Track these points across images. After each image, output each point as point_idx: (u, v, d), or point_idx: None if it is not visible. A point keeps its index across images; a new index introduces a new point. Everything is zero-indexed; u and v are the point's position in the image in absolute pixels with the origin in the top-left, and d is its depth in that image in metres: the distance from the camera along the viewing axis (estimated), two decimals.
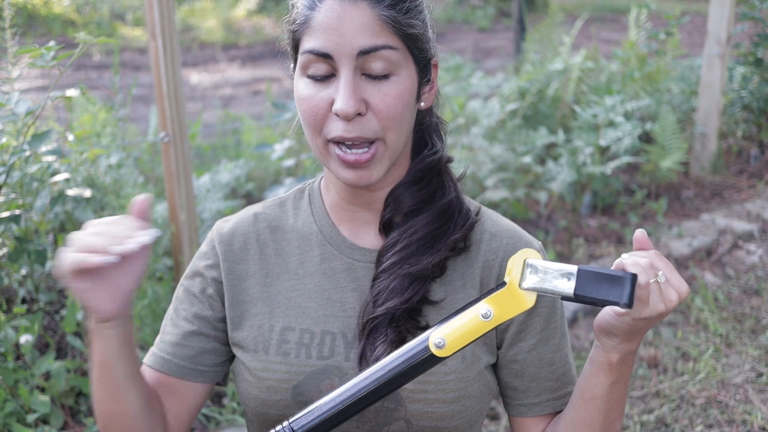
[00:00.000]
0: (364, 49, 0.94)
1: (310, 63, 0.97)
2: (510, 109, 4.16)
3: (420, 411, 1.01)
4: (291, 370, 1.03)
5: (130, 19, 10.61)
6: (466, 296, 1.05)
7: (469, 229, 1.07)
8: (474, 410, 1.04)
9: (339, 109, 0.94)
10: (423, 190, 1.07)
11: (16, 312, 2.28)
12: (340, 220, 1.11)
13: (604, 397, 0.98)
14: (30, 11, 10.16)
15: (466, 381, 1.02)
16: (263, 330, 1.07)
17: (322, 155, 1.01)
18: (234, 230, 1.13)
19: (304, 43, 0.98)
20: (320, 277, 1.08)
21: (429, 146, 1.10)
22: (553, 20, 5.18)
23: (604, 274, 0.81)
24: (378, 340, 1.00)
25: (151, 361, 1.12)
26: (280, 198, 1.18)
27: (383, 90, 0.96)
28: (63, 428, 2.20)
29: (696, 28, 9.35)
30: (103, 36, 2.26)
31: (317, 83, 0.97)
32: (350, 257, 1.08)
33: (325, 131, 0.98)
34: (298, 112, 1.02)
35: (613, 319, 0.91)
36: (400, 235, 1.05)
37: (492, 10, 13.49)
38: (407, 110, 0.99)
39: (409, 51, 0.99)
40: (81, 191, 2.53)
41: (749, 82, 4.71)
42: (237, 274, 1.11)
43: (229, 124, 4.82)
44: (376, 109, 0.96)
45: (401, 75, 0.98)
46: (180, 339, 1.11)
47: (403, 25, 0.97)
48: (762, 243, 3.62)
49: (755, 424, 2.28)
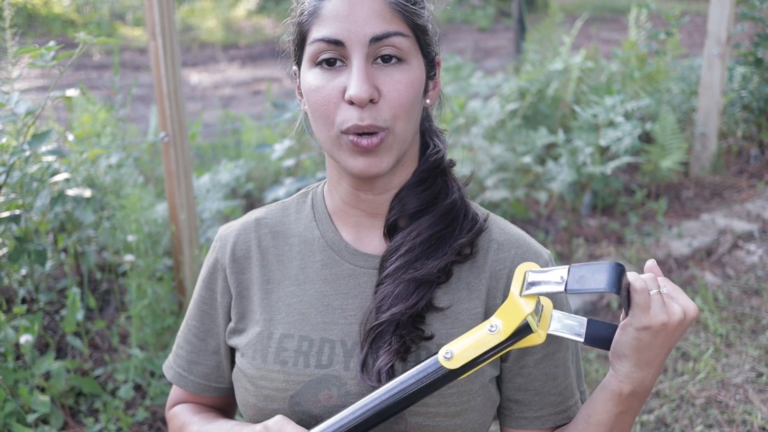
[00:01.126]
0: (377, 36, 0.94)
1: (320, 52, 0.96)
2: (510, 109, 4.15)
3: (421, 424, 0.99)
4: (289, 379, 1.02)
5: (130, 19, 10.61)
6: (471, 306, 1.04)
7: (476, 234, 1.05)
8: (476, 423, 1.02)
9: (353, 95, 0.92)
10: (427, 191, 1.06)
11: (16, 312, 2.28)
12: (343, 225, 1.10)
13: (609, 425, 0.97)
14: (30, 11, 10.16)
15: (468, 395, 1.01)
16: (262, 337, 1.06)
17: (334, 147, 0.98)
18: (236, 239, 1.13)
19: (313, 32, 0.97)
20: (321, 284, 1.07)
21: (431, 147, 1.10)
22: (553, 20, 5.18)
23: (592, 267, 0.84)
24: (381, 348, 0.98)
25: (170, 376, 1.18)
26: (283, 202, 1.17)
27: (395, 77, 0.95)
28: (63, 428, 2.20)
29: (696, 28, 9.36)
30: (103, 36, 2.26)
31: (327, 73, 0.96)
32: (352, 263, 1.07)
33: (339, 122, 0.96)
34: (308, 104, 1.00)
35: (620, 335, 0.91)
36: (403, 239, 1.03)
37: (492, 10, 13.49)
38: (417, 101, 0.99)
39: (418, 42, 0.99)
40: (81, 191, 2.53)
41: (749, 82, 4.71)
42: (244, 285, 1.11)
43: (229, 124, 4.81)
44: (387, 96, 0.95)
45: (412, 64, 0.97)
46: (195, 357, 1.15)
47: (413, 14, 0.97)
48: (762, 243, 3.62)
49: (755, 424, 2.28)
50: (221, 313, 1.12)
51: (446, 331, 1.02)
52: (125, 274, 2.85)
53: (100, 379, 2.43)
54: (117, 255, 2.85)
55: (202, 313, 1.14)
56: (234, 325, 1.10)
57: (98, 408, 2.29)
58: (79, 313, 2.33)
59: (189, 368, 1.15)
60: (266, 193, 3.17)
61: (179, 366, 1.17)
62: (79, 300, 2.36)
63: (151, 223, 2.70)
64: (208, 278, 1.14)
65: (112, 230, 2.74)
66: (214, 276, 1.13)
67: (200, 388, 1.15)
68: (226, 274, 1.11)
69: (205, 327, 1.14)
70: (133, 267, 2.49)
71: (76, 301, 2.31)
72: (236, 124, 4.76)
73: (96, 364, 2.50)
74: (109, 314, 2.75)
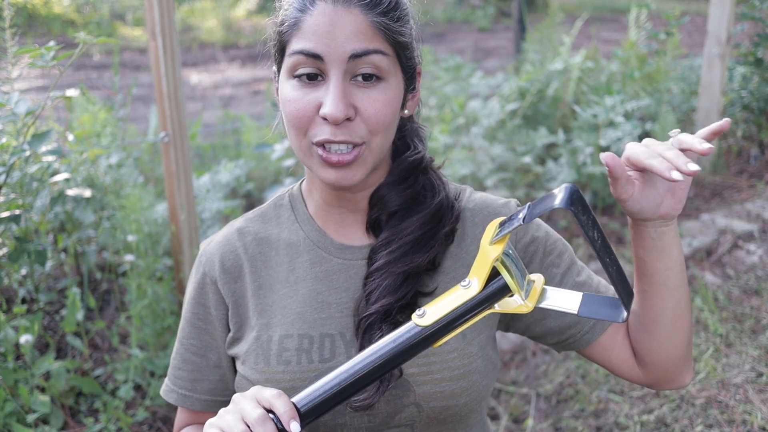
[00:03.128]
0: (356, 53, 0.94)
1: (299, 64, 0.96)
2: (510, 109, 4.15)
3: (429, 392, 1.01)
4: (294, 378, 1.02)
5: (130, 19, 10.61)
6: (459, 275, 1.07)
7: (457, 220, 1.09)
8: (480, 386, 1.05)
9: (328, 113, 0.93)
10: (409, 189, 1.08)
11: (16, 312, 2.28)
12: (325, 223, 1.11)
13: (677, 274, 0.99)
14: (30, 11, 10.16)
15: (469, 357, 1.03)
16: (261, 341, 1.06)
17: (305, 156, 1.00)
18: (222, 250, 1.12)
19: (293, 44, 0.97)
20: (312, 281, 1.08)
21: (411, 148, 1.11)
22: (553, 20, 5.18)
23: (547, 195, 0.83)
24: (375, 336, 1.00)
25: (173, 399, 1.15)
26: (260, 209, 1.18)
27: (372, 96, 0.96)
28: (63, 428, 2.20)
29: (696, 28, 9.36)
30: (103, 36, 2.26)
31: (305, 85, 0.97)
32: (341, 257, 1.08)
33: (311, 134, 0.97)
34: (283, 114, 1.01)
35: (633, 203, 0.93)
36: (394, 235, 1.05)
37: (492, 10, 13.49)
38: (394, 117, 1.00)
39: (398, 59, 0.99)
40: (81, 191, 2.54)
41: (749, 82, 4.70)
42: (238, 293, 1.10)
43: (229, 124, 4.82)
44: (365, 114, 0.96)
45: (390, 81, 0.98)
46: (197, 375, 1.13)
47: (394, 32, 0.97)
48: (762, 243, 3.62)
49: (755, 424, 2.28)
50: (218, 326, 1.11)
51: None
52: (125, 274, 2.85)
53: (100, 379, 2.43)
54: (117, 255, 2.85)
55: (198, 330, 1.13)
56: (233, 334, 1.10)
57: (98, 408, 2.29)
58: (79, 313, 2.33)
59: (193, 387, 1.14)
60: (266, 193, 3.17)
61: (182, 387, 1.15)
62: (79, 300, 2.36)
63: (151, 223, 2.70)
64: (197, 294, 1.13)
65: (112, 230, 2.74)
66: (203, 291, 1.12)
67: (207, 405, 1.14)
68: (217, 287, 1.11)
69: (203, 343, 1.13)
70: (133, 267, 2.49)
71: (76, 301, 2.31)
72: (236, 124, 4.76)
73: (96, 364, 2.50)
74: (109, 314, 2.75)
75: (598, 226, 0.82)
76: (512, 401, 2.54)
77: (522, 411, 2.50)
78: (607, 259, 0.82)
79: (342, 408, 1.01)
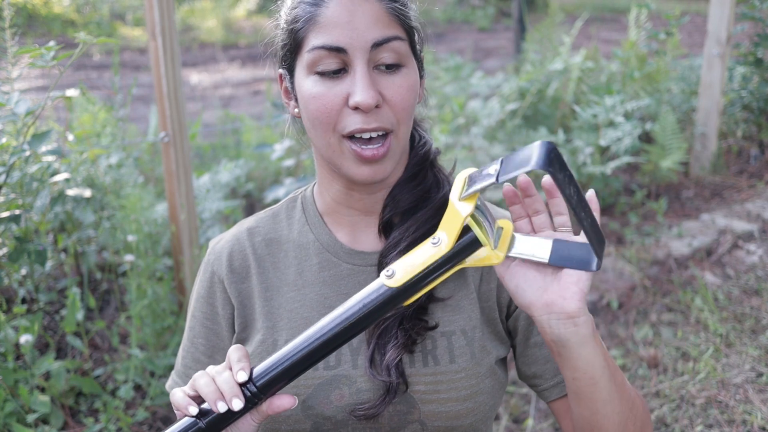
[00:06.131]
0: (378, 41, 0.94)
1: (320, 59, 0.95)
2: (510, 109, 4.15)
3: (434, 411, 1.00)
4: (299, 384, 1.01)
5: (130, 19, 10.61)
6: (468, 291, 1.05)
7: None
8: (487, 406, 1.03)
9: (360, 101, 0.92)
10: (420, 186, 1.07)
11: (16, 312, 2.28)
12: (336, 225, 1.10)
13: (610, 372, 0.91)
14: (30, 11, 10.16)
15: (477, 377, 1.02)
16: (266, 345, 1.05)
17: (335, 154, 0.98)
18: (231, 249, 1.11)
19: (310, 40, 0.96)
20: (320, 286, 1.07)
21: (418, 139, 1.10)
22: (553, 20, 5.18)
23: (522, 150, 0.79)
24: (389, 343, 0.99)
25: None
26: (272, 209, 1.17)
27: (396, 82, 0.96)
28: (63, 428, 2.20)
29: (696, 28, 9.36)
30: (103, 36, 2.26)
31: (327, 80, 0.95)
32: (350, 262, 1.07)
33: (341, 127, 0.96)
34: (305, 111, 0.99)
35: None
36: (402, 234, 1.04)
37: (492, 10, 13.49)
38: (416, 102, 1.01)
39: (411, 44, 1.00)
40: (81, 191, 2.54)
41: (749, 82, 4.70)
42: (245, 294, 1.09)
43: (229, 124, 4.82)
44: (391, 101, 0.96)
45: (409, 67, 0.98)
46: None
47: (407, 17, 0.98)
48: (762, 243, 3.62)
49: (755, 424, 2.28)
50: (225, 326, 1.11)
51: (448, 318, 1.03)
52: (125, 274, 2.85)
53: (100, 379, 2.43)
54: (117, 255, 2.85)
55: (207, 330, 1.12)
56: (238, 335, 1.10)
57: (98, 408, 2.29)
58: (79, 313, 2.33)
59: None
60: (266, 193, 3.17)
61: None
62: (79, 300, 2.36)
63: (151, 223, 2.70)
64: (206, 293, 1.12)
65: (112, 230, 2.74)
66: (212, 290, 1.11)
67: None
68: (224, 286, 1.10)
69: (211, 344, 1.12)
70: (133, 267, 2.49)
71: (76, 301, 2.31)
72: (236, 124, 4.76)
73: (96, 364, 2.50)
74: (109, 314, 2.75)
75: (574, 180, 0.79)
76: (512, 401, 2.54)
77: (522, 411, 2.50)
78: (582, 213, 0.79)
79: (345, 418, 1.00)
